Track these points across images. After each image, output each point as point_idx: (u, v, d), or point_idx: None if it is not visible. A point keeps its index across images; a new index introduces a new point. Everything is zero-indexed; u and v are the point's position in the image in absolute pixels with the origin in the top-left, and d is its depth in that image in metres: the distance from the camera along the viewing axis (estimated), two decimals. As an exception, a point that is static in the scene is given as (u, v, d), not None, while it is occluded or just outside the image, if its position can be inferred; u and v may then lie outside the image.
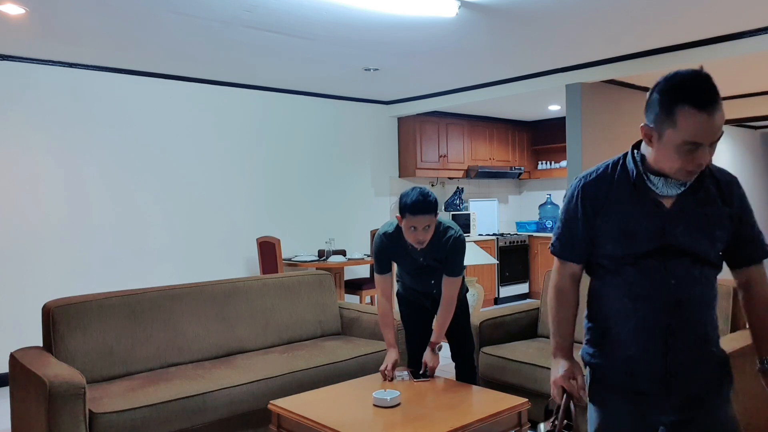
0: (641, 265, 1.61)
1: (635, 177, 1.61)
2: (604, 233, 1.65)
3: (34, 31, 4.11)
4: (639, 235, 1.60)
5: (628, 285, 1.65)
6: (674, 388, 1.63)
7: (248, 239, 6.05)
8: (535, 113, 7.82)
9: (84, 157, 5.10)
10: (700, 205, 1.60)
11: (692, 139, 1.44)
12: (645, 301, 1.63)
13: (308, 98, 6.53)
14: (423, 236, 2.92)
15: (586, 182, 1.68)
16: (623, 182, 1.63)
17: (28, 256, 4.82)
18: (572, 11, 3.95)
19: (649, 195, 1.60)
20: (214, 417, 3.00)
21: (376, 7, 3.78)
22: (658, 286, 1.61)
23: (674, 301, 1.61)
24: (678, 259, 1.60)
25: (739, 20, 4.24)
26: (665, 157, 1.51)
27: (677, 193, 1.58)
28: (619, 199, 1.63)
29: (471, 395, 2.89)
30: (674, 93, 1.45)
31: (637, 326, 1.65)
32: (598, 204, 1.65)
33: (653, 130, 1.52)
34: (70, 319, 3.16)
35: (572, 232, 1.71)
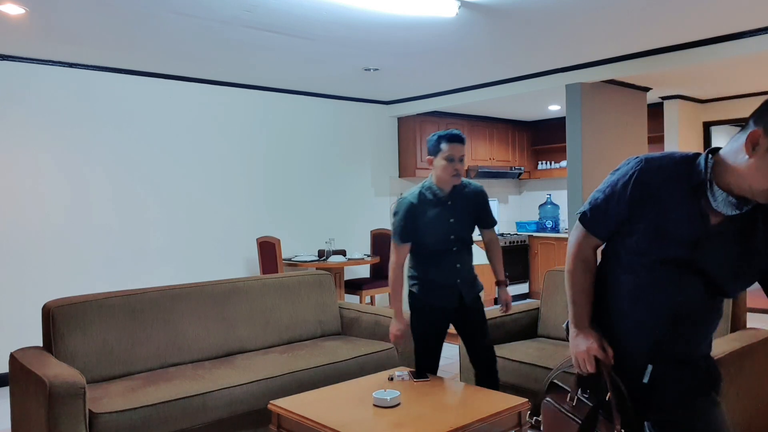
0: (657, 270, 1.56)
1: (698, 181, 1.50)
2: (638, 223, 1.57)
3: (34, 31, 4.11)
4: (669, 239, 1.54)
5: (634, 286, 1.61)
6: (657, 391, 1.63)
7: (248, 239, 6.05)
8: (535, 113, 7.82)
9: (84, 157, 5.10)
10: (744, 235, 1.52)
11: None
12: (644, 308, 1.60)
13: (308, 98, 6.53)
14: (460, 168, 2.98)
15: (647, 167, 1.55)
16: (683, 181, 1.52)
17: (28, 256, 4.82)
18: (572, 11, 3.95)
19: (701, 204, 1.51)
20: (214, 417, 3.00)
21: (375, 7, 3.78)
22: (664, 297, 1.57)
23: (674, 317, 1.58)
24: (695, 277, 1.55)
25: (739, 20, 4.24)
26: (761, 171, 1.38)
27: (730, 213, 1.48)
28: (671, 195, 1.53)
29: (471, 395, 2.89)
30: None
31: (631, 328, 1.64)
32: (649, 192, 1.54)
33: (764, 136, 1.38)
34: (70, 319, 3.16)
35: (610, 210, 1.61)
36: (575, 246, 1.72)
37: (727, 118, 7.16)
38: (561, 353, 3.44)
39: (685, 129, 6.99)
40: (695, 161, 1.52)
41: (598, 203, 1.65)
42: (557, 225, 8.26)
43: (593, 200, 1.67)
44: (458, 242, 3.10)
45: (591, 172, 5.67)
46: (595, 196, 1.66)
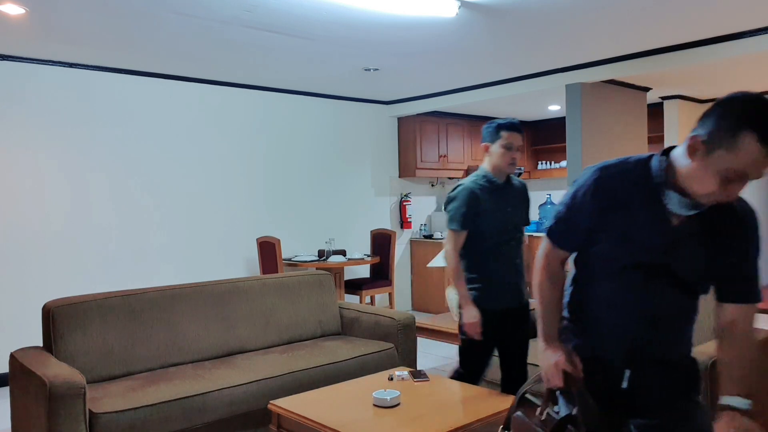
0: (627, 275, 1.58)
1: (653, 185, 1.52)
2: (604, 231, 1.59)
3: (34, 31, 4.11)
4: (635, 244, 1.55)
5: (607, 292, 1.62)
6: (637, 396, 1.63)
7: (248, 239, 6.05)
8: (535, 113, 7.82)
9: (84, 157, 5.10)
10: (708, 233, 1.53)
11: (742, 168, 1.35)
12: (619, 312, 1.61)
13: (308, 98, 6.53)
14: (517, 156, 2.99)
15: (605, 173, 1.57)
16: (641, 185, 1.54)
17: (28, 256, 4.82)
18: (572, 11, 3.95)
19: (661, 208, 1.52)
20: (214, 417, 3.00)
21: (376, 7, 3.78)
22: (636, 301, 1.58)
23: (647, 320, 1.59)
24: (664, 279, 1.56)
25: (739, 20, 4.24)
26: (702, 176, 1.41)
27: (688, 214, 1.50)
28: (631, 201, 1.54)
29: (471, 395, 2.89)
30: (747, 117, 1.35)
31: (605, 334, 1.64)
32: (610, 200, 1.56)
33: (704, 144, 1.39)
34: (70, 319, 3.16)
35: (575, 222, 1.63)
36: (543, 259, 1.73)
37: (727, 118, 7.15)
38: (561, 353, 3.44)
39: (685, 129, 6.99)
40: (650, 163, 1.55)
41: (561, 216, 1.66)
42: (557, 225, 8.24)
43: (557, 214, 1.68)
44: (516, 233, 3.08)
45: (591, 172, 5.66)
46: (558, 209, 1.68)
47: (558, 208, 1.69)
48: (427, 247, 7.28)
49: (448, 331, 4.16)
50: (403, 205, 7.33)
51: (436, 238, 7.33)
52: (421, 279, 7.36)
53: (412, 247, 7.49)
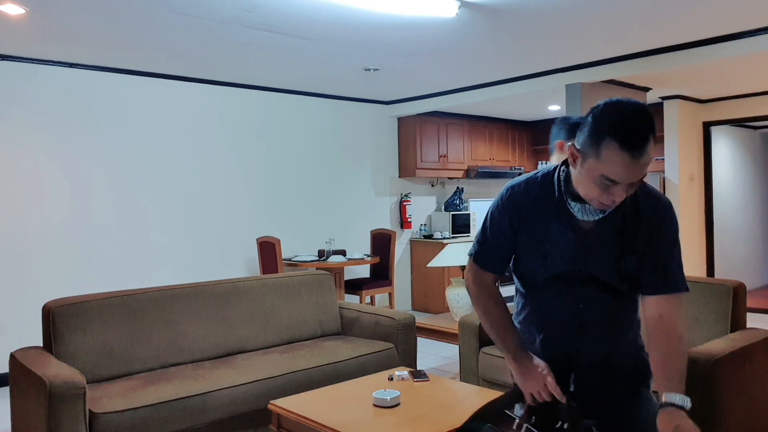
0: (553, 285, 1.61)
1: (557, 197, 1.57)
2: (522, 247, 1.64)
3: (34, 31, 4.11)
4: (552, 257, 1.59)
5: (541, 301, 1.67)
6: (583, 397, 1.65)
7: (248, 239, 6.05)
8: (535, 113, 7.82)
9: (84, 157, 5.10)
10: (617, 232, 1.56)
11: (610, 175, 1.39)
12: (553, 320, 1.65)
13: (308, 98, 6.53)
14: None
15: (514, 191, 1.64)
16: (548, 199, 1.58)
17: (28, 256, 4.82)
18: (572, 11, 3.95)
19: (569, 217, 1.56)
20: (214, 417, 3.00)
21: (376, 7, 3.78)
22: (566, 308, 1.62)
23: (580, 324, 1.62)
24: (588, 284, 1.59)
25: (739, 20, 4.24)
26: (583, 183, 1.47)
27: (594, 219, 1.54)
28: (541, 215, 1.59)
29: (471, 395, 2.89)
30: (607, 124, 1.38)
31: (545, 340, 1.68)
32: (522, 216, 1.61)
33: (579, 152, 1.45)
34: (70, 319, 3.16)
35: (497, 242, 1.67)
36: (473, 281, 1.73)
37: (727, 118, 7.17)
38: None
39: (685, 129, 6.99)
40: (550, 176, 1.59)
41: (484, 238, 1.70)
42: (557, 225, 8.25)
43: (479, 236, 1.71)
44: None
45: (591, 172, 5.67)
46: (480, 231, 1.71)
47: (479, 232, 1.72)
48: (427, 247, 7.28)
49: (448, 331, 4.16)
50: (403, 205, 7.33)
51: (436, 238, 7.34)
52: (421, 279, 7.37)
53: (412, 247, 7.49)
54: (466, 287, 1.76)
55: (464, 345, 3.80)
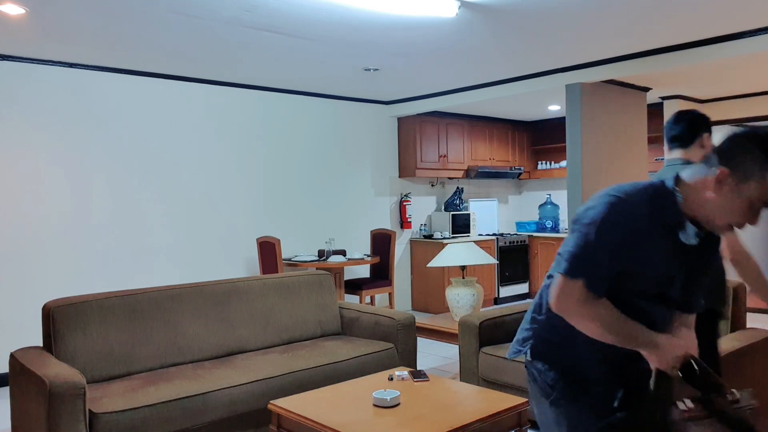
0: (630, 303, 1.57)
1: (672, 217, 1.52)
2: (615, 264, 1.52)
3: (34, 31, 4.11)
4: (646, 278, 1.55)
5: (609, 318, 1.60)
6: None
7: (248, 239, 6.05)
8: (535, 113, 7.82)
9: (84, 157, 5.10)
10: (707, 259, 1.62)
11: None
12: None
13: (308, 98, 6.53)
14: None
15: (619, 208, 1.50)
16: (657, 216, 1.51)
17: (28, 256, 4.82)
18: (572, 11, 3.95)
19: (675, 239, 1.53)
20: (214, 417, 3.00)
21: (375, 7, 3.78)
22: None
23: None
24: (665, 303, 1.61)
25: (739, 20, 4.24)
26: (727, 207, 1.46)
27: (693, 243, 1.54)
28: (648, 234, 1.51)
29: (471, 395, 2.89)
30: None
31: (609, 369, 1.65)
32: (623, 236, 1.50)
33: (731, 176, 1.43)
34: (70, 319, 3.16)
35: (602, 261, 1.51)
36: (577, 303, 1.53)
37: (727, 118, 7.17)
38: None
39: (685, 129, 6.98)
40: (665, 194, 1.53)
41: (591, 258, 1.51)
42: (557, 225, 8.26)
43: (574, 257, 1.52)
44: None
45: (591, 172, 5.68)
46: (580, 248, 1.52)
47: (573, 250, 1.52)
48: (427, 247, 7.29)
49: (448, 331, 4.16)
50: (403, 205, 7.33)
51: (436, 238, 7.34)
52: (421, 279, 7.37)
53: (412, 247, 7.49)
54: (563, 312, 1.56)
55: (464, 345, 3.80)
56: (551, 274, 1.63)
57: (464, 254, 4.34)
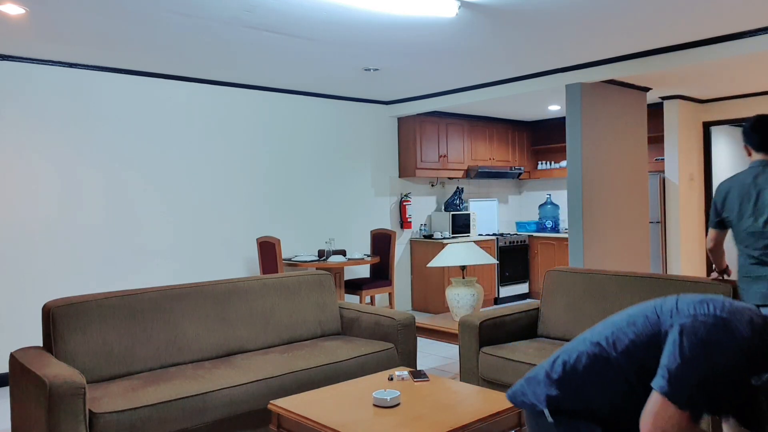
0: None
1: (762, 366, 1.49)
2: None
3: (34, 31, 4.11)
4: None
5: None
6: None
7: (248, 239, 6.05)
8: (535, 113, 7.82)
9: (83, 157, 5.10)
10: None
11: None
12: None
13: (308, 98, 6.53)
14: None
15: (741, 341, 1.44)
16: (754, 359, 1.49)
17: (28, 257, 4.83)
18: (572, 11, 3.95)
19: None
20: (214, 417, 3.00)
21: (375, 8, 3.78)
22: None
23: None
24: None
25: (739, 20, 4.24)
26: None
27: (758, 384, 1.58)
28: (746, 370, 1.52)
29: (471, 395, 2.89)
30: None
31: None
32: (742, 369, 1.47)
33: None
34: (70, 319, 3.16)
35: (720, 396, 1.48)
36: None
37: (727, 118, 7.17)
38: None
39: (685, 129, 6.99)
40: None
41: (698, 391, 1.40)
42: (557, 225, 8.26)
43: (690, 387, 1.40)
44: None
45: (591, 172, 5.68)
46: (691, 382, 1.40)
47: (696, 375, 1.41)
48: (427, 247, 7.29)
49: (448, 331, 4.16)
50: (403, 205, 7.33)
51: (436, 238, 7.34)
52: (421, 279, 7.37)
53: (412, 247, 7.49)
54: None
55: (464, 345, 3.80)
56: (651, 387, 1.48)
57: (464, 254, 4.34)
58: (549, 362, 1.70)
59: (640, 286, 3.58)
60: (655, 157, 7.41)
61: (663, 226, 7.01)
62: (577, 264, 5.65)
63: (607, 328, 1.64)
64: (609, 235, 5.88)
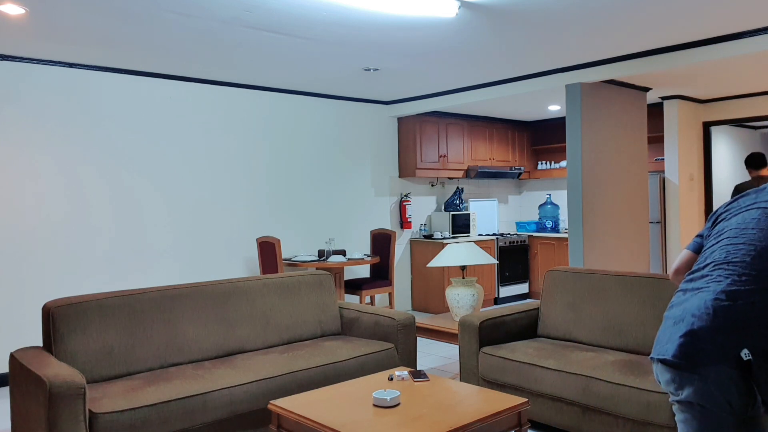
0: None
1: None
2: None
3: (34, 31, 4.11)
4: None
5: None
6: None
7: (248, 239, 6.05)
8: (535, 113, 7.82)
9: (83, 157, 5.10)
10: None
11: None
12: None
13: (308, 98, 6.53)
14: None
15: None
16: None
17: (28, 256, 4.83)
18: (573, 11, 3.95)
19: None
20: (214, 417, 3.01)
21: (375, 8, 3.78)
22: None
23: None
24: None
25: (739, 20, 4.24)
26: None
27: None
28: None
29: (471, 395, 2.89)
30: None
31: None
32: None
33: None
34: (70, 319, 3.16)
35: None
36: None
37: (727, 118, 7.17)
38: (561, 353, 3.45)
39: (684, 129, 6.99)
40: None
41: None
42: (557, 225, 8.26)
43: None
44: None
45: (591, 172, 5.68)
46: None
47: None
48: (427, 247, 7.29)
49: (448, 331, 4.16)
50: (403, 205, 7.33)
51: (436, 238, 7.34)
52: (421, 279, 7.37)
53: (412, 247, 7.49)
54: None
55: (464, 345, 3.80)
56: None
57: (464, 254, 4.34)
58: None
59: (640, 286, 3.58)
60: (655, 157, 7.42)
61: (663, 226, 7.01)
62: (577, 264, 5.65)
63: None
64: (609, 235, 5.88)
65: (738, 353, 1.59)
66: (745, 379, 1.58)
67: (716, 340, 1.62)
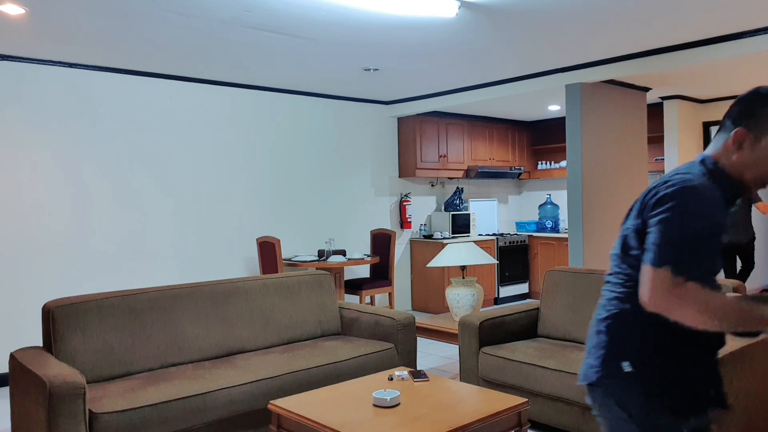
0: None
1: (729, 192, 1.58)
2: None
3: (34, 31, 4.11)
4: (720, 253, 1.59)
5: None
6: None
7: (248, 239, 6.05)
8: (535, 113, 7.82)
9: (84, 158, 5.10)
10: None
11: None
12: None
13: (308, 98, 6.53)
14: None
15: (708, 189, 1.51)
16: (718, 195, 1.53)
17: (28, 256, 4.83)
18: (573, 11, 3.95)
19: (728, 213, 1.58)
20: (214, 417, 3.01)
21: (375, 8, 3.78)
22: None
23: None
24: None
25: (739, 20, 4.24)
26: (755, 163, 1.54)
27: (734, 210, 1.60)
28: (723, 212, 1.55)
29: (471, 395, 2.89)
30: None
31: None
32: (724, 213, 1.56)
33: (750, 134, 1.54)
34: (70, 319, 3.16)
35: (715, 251, 1.52)
36: (706, 303, 1.42)
37: (727, 118, 7.16)
38: (561, 353, 3.45)
39: (684, 129, 6.99)
40: (713, 173, 1.59)
41: (703, 254, 1.46)
42: (557, 225, 8.26)
43: (694, 254, 1.45)
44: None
45: (591, 172, 5.68)
46: (693, 247, 1.45)
47: (685, 247, 1.45)
48: (427, 247, 7.29)
49: (448, 331, 4.16)
50: (403, 205, 7.33)
51: (436, 238, 7.34)
52: (421, 279, 7.37)
53: (412, 247, 7.49)
54: (695, 316, 1.42)
55: (464, 345, 3.80)
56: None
57: (464, 254, 4.34)
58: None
59: (640, 286, 3.57)
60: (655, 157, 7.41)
61: (663, 226, 7.00)
62: (577, 264, 5.65)
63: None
64: (609, 235, 5.88)
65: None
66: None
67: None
